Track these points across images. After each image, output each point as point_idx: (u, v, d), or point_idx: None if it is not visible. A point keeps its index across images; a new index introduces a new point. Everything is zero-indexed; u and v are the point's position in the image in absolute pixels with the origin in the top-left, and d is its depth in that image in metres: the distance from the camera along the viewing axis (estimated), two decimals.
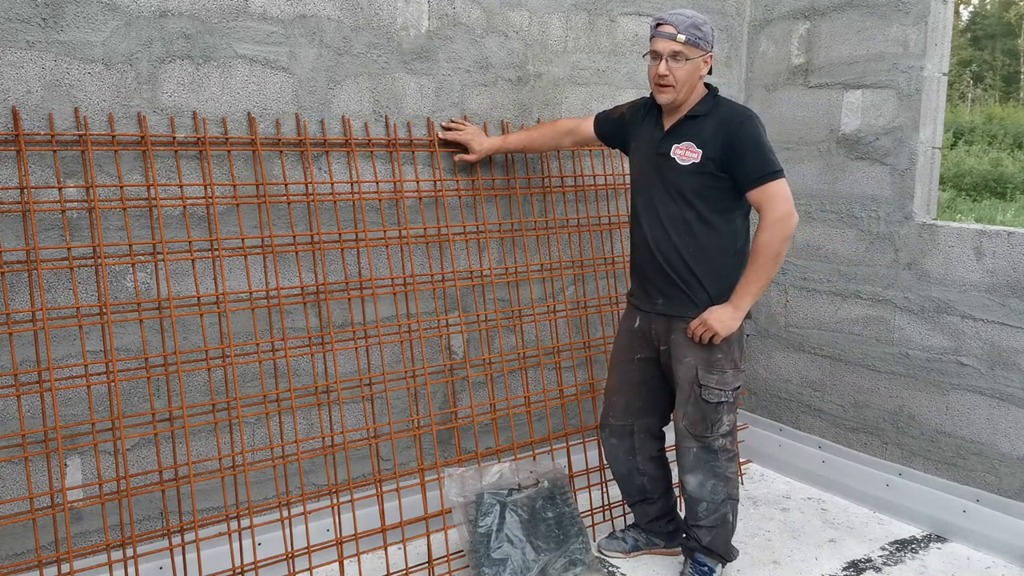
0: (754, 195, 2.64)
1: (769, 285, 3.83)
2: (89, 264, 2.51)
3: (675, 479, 3.04)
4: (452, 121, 3.12)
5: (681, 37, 2.61)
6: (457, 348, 3.26)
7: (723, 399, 2.77)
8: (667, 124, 2.77)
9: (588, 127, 3.08)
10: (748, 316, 2.80)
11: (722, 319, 2.68)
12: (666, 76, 2.64)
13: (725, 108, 2.72)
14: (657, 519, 3.11)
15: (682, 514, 3.04)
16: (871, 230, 3.51)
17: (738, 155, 2.62)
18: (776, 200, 2.61)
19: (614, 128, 3.01)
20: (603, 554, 3.12)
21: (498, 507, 2.85)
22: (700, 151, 2.66)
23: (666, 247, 2.76)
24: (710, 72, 2.75)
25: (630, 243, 2.96)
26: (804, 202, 3.74)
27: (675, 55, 2.63)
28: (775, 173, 2.62)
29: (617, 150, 3.28)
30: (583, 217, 3.50)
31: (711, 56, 2.70)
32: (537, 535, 2.87)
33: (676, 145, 2.71)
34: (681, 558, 3.05)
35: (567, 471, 3.13)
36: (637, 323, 2.91)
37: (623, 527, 3.23)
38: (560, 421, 3.50)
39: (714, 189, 2.68)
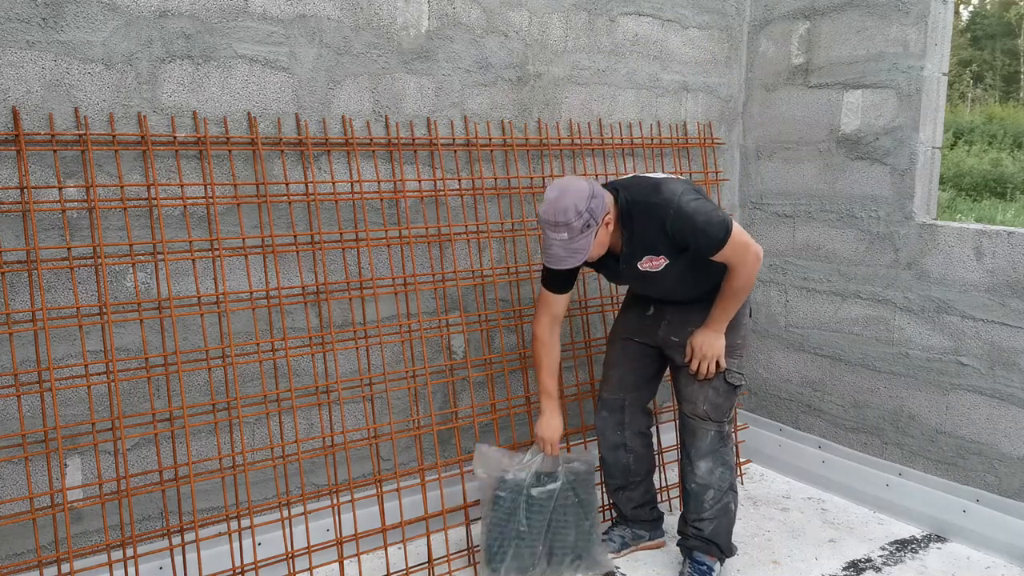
0: (717, 257, 2.65)
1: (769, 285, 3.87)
2: (89, 264, 2.51)
3: (668, 480, 3.04)
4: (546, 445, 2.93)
5: (565, 236, 2.53)
6: (458, 348, 3.26)
7: (740, 382, 2.87)
8: (615, 250, 2.75)
9: (557, 301, 2.87)
10: (750, 314, 2.93)
11: (711, 342, 2.78)
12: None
13: (647, 216, 2.63)
14: (641, 506, 3.13)
15: (679, 514, 3.04)
16: (871, 230, 3.51)
17: (686, 245, 2.62)
18: (739, 252, 2.63)
19: (565, 277, 2.84)
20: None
21: (518, 492, 2.83)
22: (662, 255, 2.68)
23: (665, 302, 2.91)
24: (614, 191, 2.68)
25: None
26: (804, 202, 3.74)
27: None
28: (724, 236, 2.59)
29: (622, 148, 3.28)
30: None
31: (608, 216, 2.59)
32: (552, 524, 2.86)
33: (639, 263, 2.72)
34: (676, 554, 3.05)
35: (596, 463, 3.04)
36: (650, 311, 2.96)
37: (606, 529, 3.21)
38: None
39: (696, 263, 2.69)
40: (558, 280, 2.83)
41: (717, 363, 2.80)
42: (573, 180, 2.59)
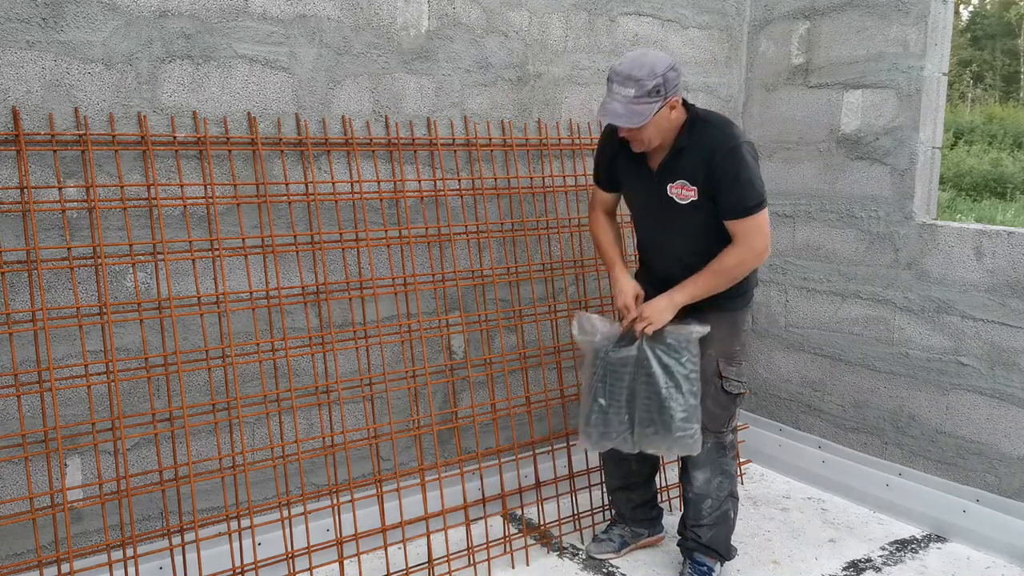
0: (730, 224, 2.63)
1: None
2: (89, 264, 2.51)
3: (665, 479, 3.04)
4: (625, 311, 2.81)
5: (632, 93, 2.49)
6: (458, 348, 3.26)
7: (741, 390, 2.83)
8: (654, 163, 2.71)
9: (606, 199, 2.94)
10: (752, 320, 2.80)
11: (659, 311, 2.68)
12: (628, 132, 2.60)
13: (708, 137, 2.62)
14: (641, 506, 3.12)
15: (680, 514, 3.04)
16: (871, 230, 3.51)
17: (717, 188, 2.60)
18: (752, 234, 2.61)
19: (609, 177, 2.89)
20: (595, 557, 3.11)
21: (603, 358, 2.75)
22: (694, 188, 2.63)
23: (680, 276, 2.75)
24: (686, 106, 2.66)
25: (639, 261, 2.99)
26: (804, 202, 3.74)
27: None
28: (753, 208, 2.59)
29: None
30: (583, 216, 3.49)
31: (676, 99, 2.57)
32: (635, 393, 2.73)
33: (670, 185, 2.67)
34: (676, 553, 3.05)
35: (694, 334, 2.72)
36: None
37: (604, 529, 3.20)
38: (560, 421, 3.50)
39: (711, 222, 2.66)
40: (603, 176, 2.88)
41: (719, 365, 2.76)
42: (657, 50, 2.57)
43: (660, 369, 2.69)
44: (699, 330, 2.70)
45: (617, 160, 2.81)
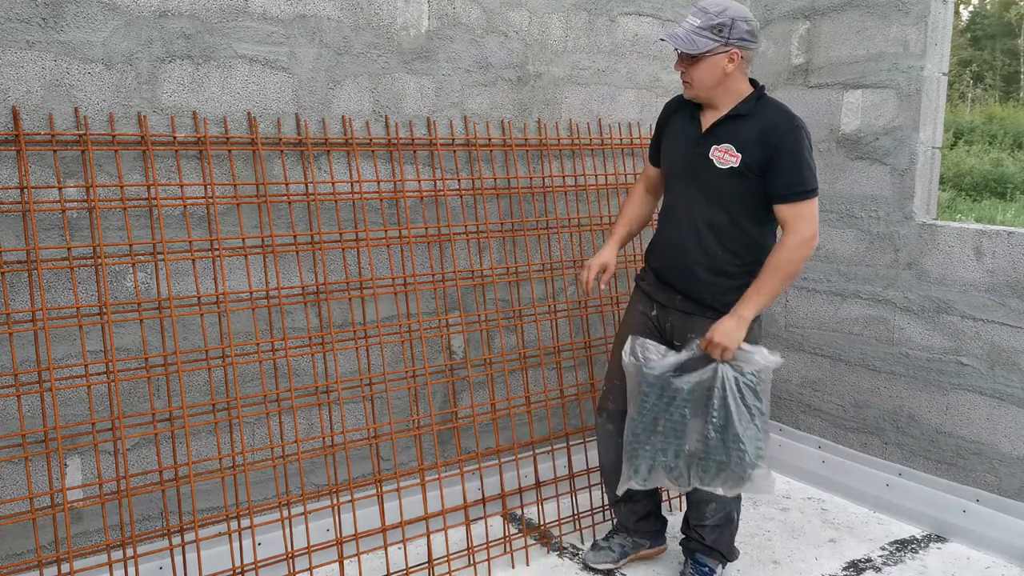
0: (782, 209, 2.58)
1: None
2: (89, 264, 2.51)
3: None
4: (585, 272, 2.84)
5: (697, 23, 2.53)
6: (457, 348, 3.26)
7: None
8: (705, 123, 2.67)
9: (651, 173, 2.93)
10: (758, 318, 2.71)
11: (728, 333, 2.57)
12: (683, 73, 2.63)
13: (772, 112, 2.60)
14: (644, 518, 3.05)
15: (681, 514, 3.03)
16: (871, 230, 3.51)
17: (775, 166, 2.55)
18: (803, 220, 2.56)
19: (656, 147, 2.90)
20: (593, 567, 3.04)
21: (661, 385, 2.63)
22: (739, 155, 2.57)
23: (695, 251, 2.68)
24: (754, 84, 2.65)
25: (655, 232, 2.89)
26: None
27: (683, 53, 2.58)
28: (808, 192, 2.55)
29: (622, 148, 3.26)
30: (583, 217, 3.50)
31: (737, 53, 2.54)
32: (704, 428, 2.60)
33: (715, 147, 2.61)
34: (677, 554, 3.04)
35: (767, 366, 2.60)
36: (654, 311, 2.82)
37: (605, 535, 3.13)
38: (560, 421, 3.50)
39: (751, 195, 2.61)
40: (656, 149, 2.89)
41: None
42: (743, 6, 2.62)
43: (735, 400, 2.57)
44: (775, 360, 2.60)
45: (669, 122, 2.82)
